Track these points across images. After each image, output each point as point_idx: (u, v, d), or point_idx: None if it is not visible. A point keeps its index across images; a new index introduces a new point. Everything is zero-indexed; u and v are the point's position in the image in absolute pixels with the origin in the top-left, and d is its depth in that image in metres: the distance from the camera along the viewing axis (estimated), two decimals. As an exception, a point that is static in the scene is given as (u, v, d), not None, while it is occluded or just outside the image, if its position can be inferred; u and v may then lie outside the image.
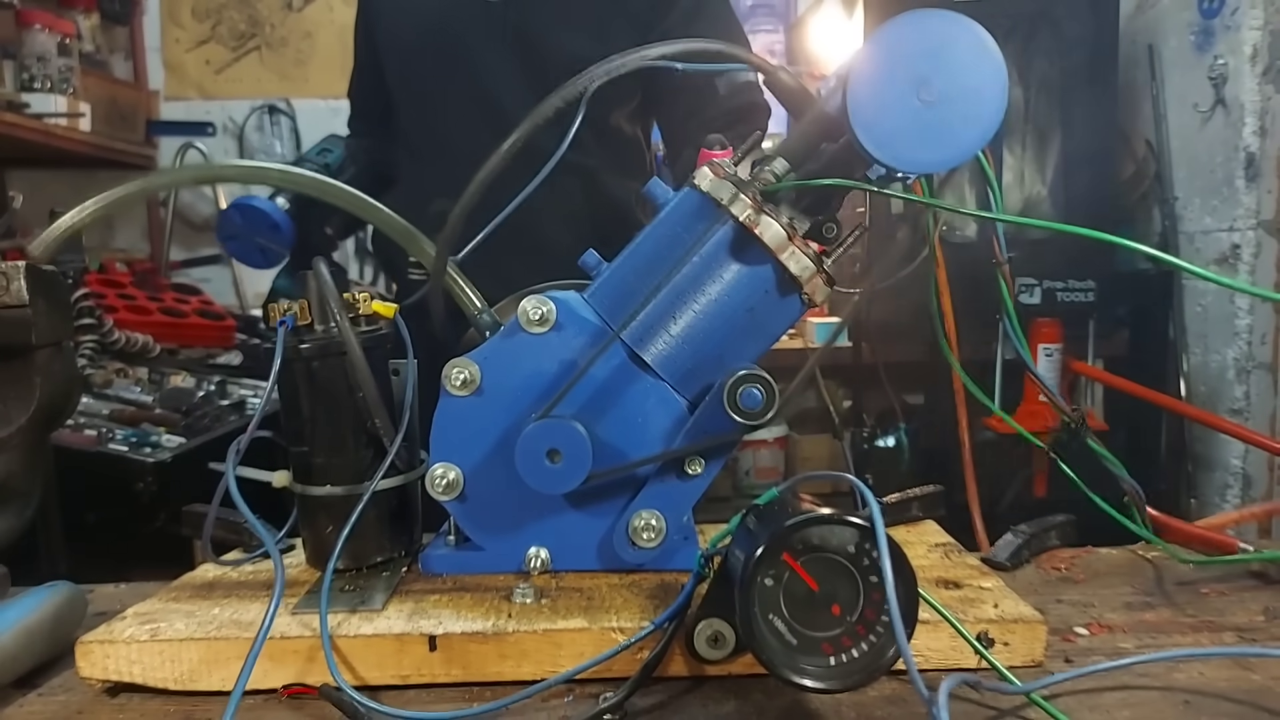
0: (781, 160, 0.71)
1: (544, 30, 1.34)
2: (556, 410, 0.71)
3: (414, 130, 1.45)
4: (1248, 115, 2.28)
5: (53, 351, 0.72)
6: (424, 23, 1.39)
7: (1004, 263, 0.78)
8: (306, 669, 0.64)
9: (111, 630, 0.67)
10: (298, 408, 0.76)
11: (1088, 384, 2.51)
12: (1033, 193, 2.51)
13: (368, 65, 1.51)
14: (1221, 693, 0.62)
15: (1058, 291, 2.29)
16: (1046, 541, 0.91)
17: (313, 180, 0.79)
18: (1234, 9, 2.30)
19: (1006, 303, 0.78)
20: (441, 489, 0.75)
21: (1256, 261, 2.33)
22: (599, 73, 0.71)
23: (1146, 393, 2.23)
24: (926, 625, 0.65)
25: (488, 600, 0.71)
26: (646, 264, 0.73)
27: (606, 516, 0.76)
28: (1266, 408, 2.32)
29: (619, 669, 0.64)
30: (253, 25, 3.25)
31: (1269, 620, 0.75)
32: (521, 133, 0.71)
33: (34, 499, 0.74)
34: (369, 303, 0.77)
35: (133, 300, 2.42)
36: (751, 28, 3.25)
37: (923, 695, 0.50)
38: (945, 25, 0.64)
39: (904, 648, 0.51)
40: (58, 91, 2.52)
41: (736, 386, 0.68)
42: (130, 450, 1.78)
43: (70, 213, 0.73)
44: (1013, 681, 0.61)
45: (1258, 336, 2.32)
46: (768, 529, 0.56)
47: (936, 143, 0.65)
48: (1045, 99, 2.47)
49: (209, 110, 3.23)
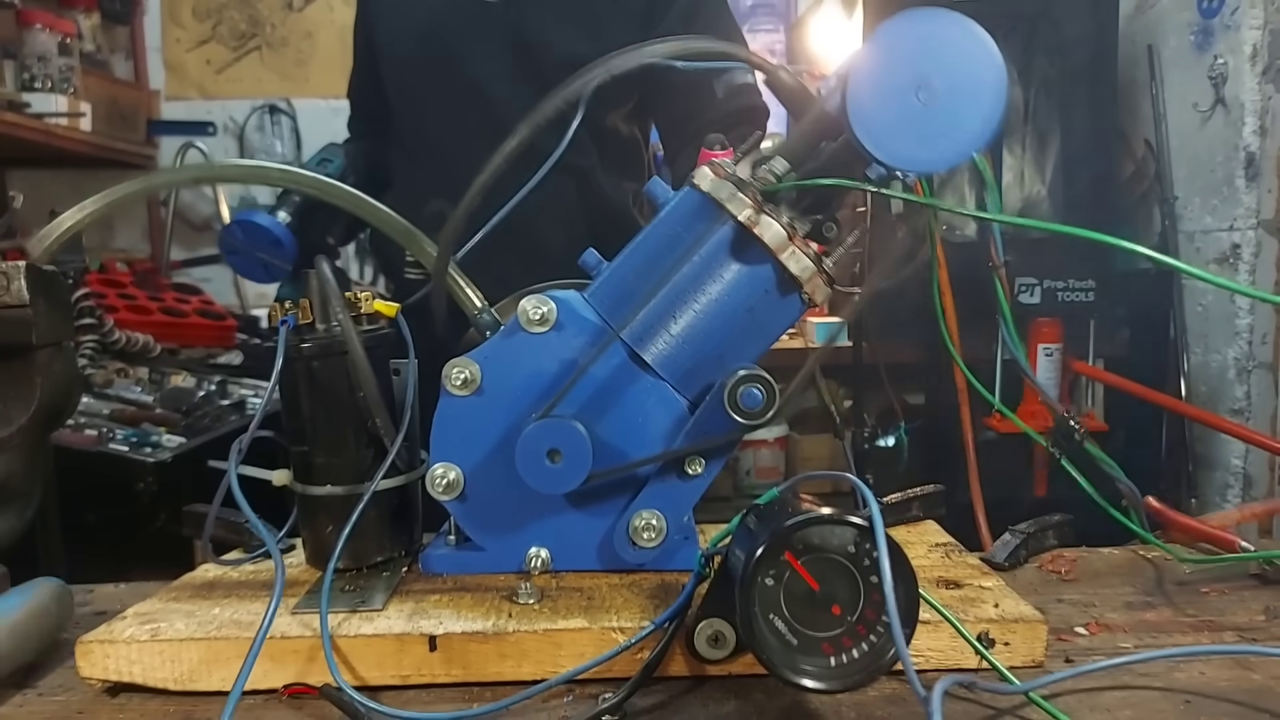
0: (781, 160, 0.71)
1: (542, 30, 1.34)
2: (557, 410, 0.71)
3: (409, 131, 1.45)
4: (1248, 115, 2.28)
5: (53, 351, 0.72)
6: (421, 22, 1.39)
7: (1000, 266, 0.78)
8: (307, 669, 0.64)
9: (111, 630, 0.67)
10: (298, 407, 0.76)
11: (1088, 384, 2.50)
12: (1033, 192, 2.51)
13: (366, 66, 1.51)
14: (1222, 692, 0.62)
15: (1058, 291, 2.29)
16: (1044, 542, 0.91)
17: (313, 180, 0.79)
18: (1234, 9, 2.30)
19: (1003, 306, 0.78)
20: (442, 489, 0.75)
21: (1256, 261, 2.33)
22: (599, 72, 0.71)
23: (1147, 392, 2.23)
24: (927, 625, 0.65)
25: (488, 600, 0.71)
26: (647, 263, 0.73)
27: (607, 516, 0.76)
28: (1267, 407, 2.32)
29: (619, 669, 0.64)
30: (253, 25, 3.25)
31: (1269, 620, 0.75)
32: (523, 133, 0.70)
33: (34, 499, 0.74)
34: (370, 302, 0.77)
35: (133, 300, 2.42)
36: (751, 27, 3.25)
37: (919, 695, 0.50)
38: (945, 25, 0.64)
39: (900, 647, 0.51)
40: (58, 91, 2.52)
41: (737, 386, 0.68)
42: (130, 450, 1.78)
43: (70, 212, 0.73)
44: (1012, 681, 0.61)
45: (1258, 336, 2.32)
46: (768, 529, 0.56)
47: (936, 142, 0.65)
48: (1045, 99, 2.47)
49: (209, 110, 3.23)
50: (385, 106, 1.48)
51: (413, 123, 1.44)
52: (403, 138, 1.46)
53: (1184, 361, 2.43)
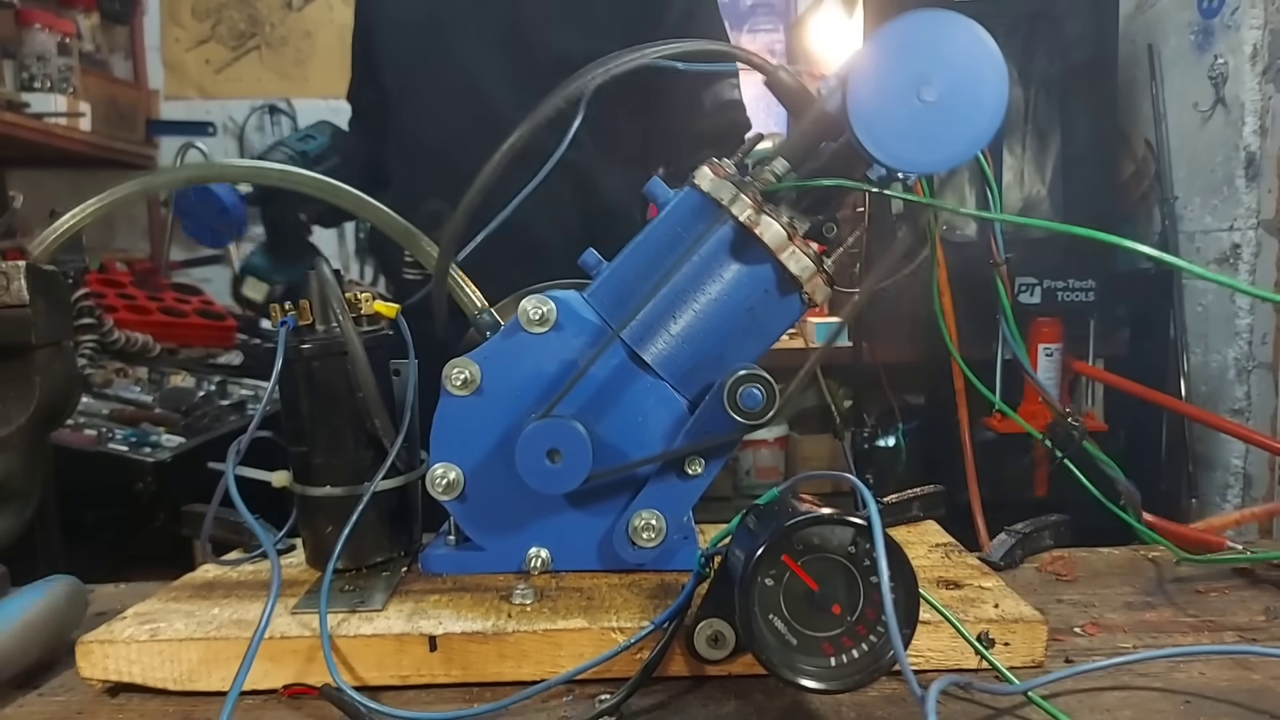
0: (781, 160, 0.71)
1: (539, 28, 1.34)
2: (557, 410, 0.71)
3: (406, 132, 1.45)
4: (1248, 115, 2.28)
5: (53, 351, 0.72)
6: (419, 24, 1.39)
7: (1001, 264, 0.78)
8: (306, 669, 0.64)
9: (111, 630, 0.66)
10: (298, 408, 0.76)
11: (1088, 384, 2.50)
12: (1033, 192, 2.51)
13: (364, 71, 1.51)
14: (1222, 693, 0.62)
15: (1058, 291, 2.28)
16: (1040, 542, 0.91)
17: (313, 180, 0.79)
18: (1234, 8, 2.30)
19: (1004, 304, 0.78)
20: (441, 489, 0.75)
21: (1257, 261, 2.33)
22: (600, 71, 0.71)
23: (1147, 392, 2.23)
24: (927, 626, 0.65)
25: (488, 600, 0.71)
26: (647, 263, 0.73)
27: (607, 516, 0.76)
28: (1267, 408, 2.32)
29: (619, 669, 0.64)
30: (253, 25, 3.25)
31: (1269, 620, 0.75)
32: (524, 131, 0.70)
33: (34, 499, 0.74)
34: (370, 303, 0.77)
35: (132, 300, 2.42)
36: (751, 27, 3.25)
37: (915, 694, 0.50)
38: (945, 25, 0.64)
39: (897, 646, 0.51)
40: (58, 91, 2.52)
41: (736, 386, 0.68)
42: (130, 450, 1.78)
43: (70, 212, 0.72)
44: (1011, 680, 0.61)
45: (1258, 336, 2.32)
46: (768, 529, 0.56)
47: (936, 143, 0.65)
48: (1045, 99, 2.47)
49: (209, 110, 3.23)
50: (384, 109, 1.48)
51: (410, 123, 1.45)
52: (400, 138, 1.46)
53: (1184, 361, 2.43)
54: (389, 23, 1.45)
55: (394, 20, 1.44)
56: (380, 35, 1.45)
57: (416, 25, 1.40)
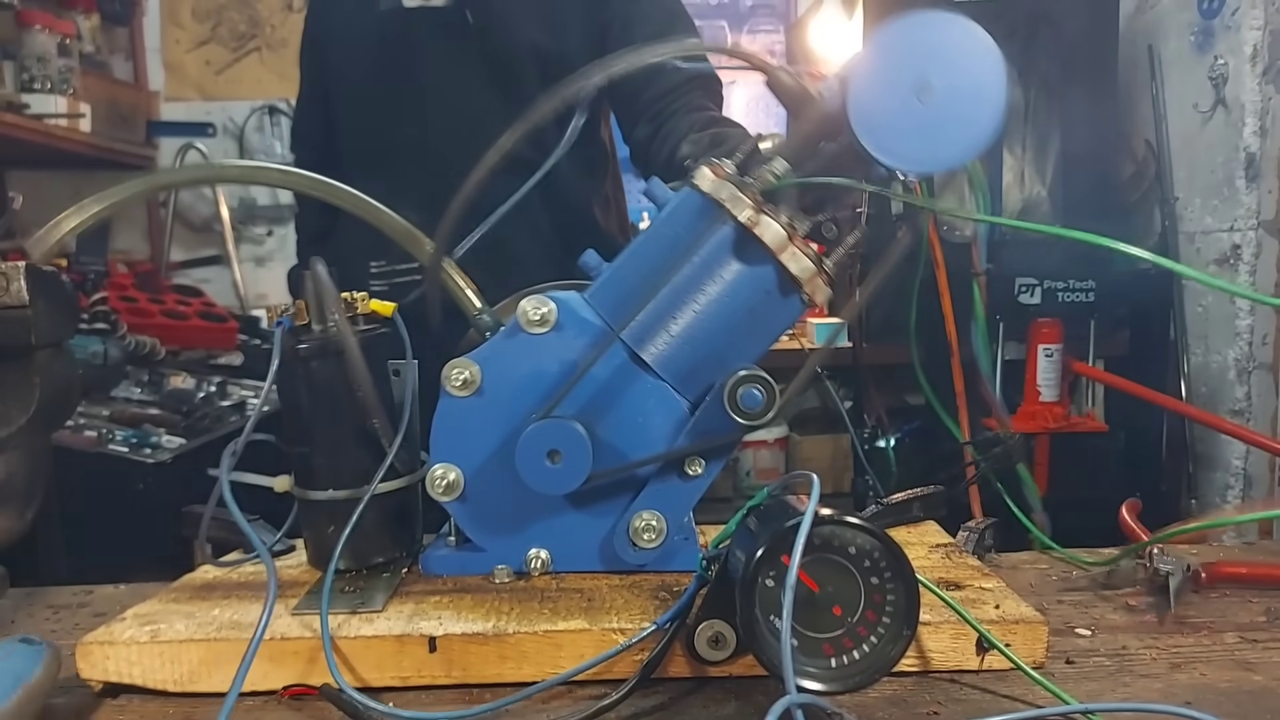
0: (781, 160, 0.71)
1: (497, 22, 1.34)
2: (557, 411, 0.71)
3: (361, 150, 1.44)
4: (1248, 115, 2.28)
5: (53, 352, 0.72)
6: (373, 35, 1.39)
7: (981, 273, 0.79)
8: (307, 670, 0.64)
9: (111, 631, 0.66)
10: (297, 409, 0.76)
11: (1088, 384, 2.50)
12: (1033, 193, 2.51)
13: (314, 91, 1.51)
14: (1222, 693, 0.62)
15: (1058, 291, 2.28)
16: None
17: (312, 180, 0.79)
18: (1234, 9, 2.30)
19: (977, 310, 0.78)
20: (442, 490, 0.75)
21: (1257, 262, 2.33)
22: (596, 75, 0.71)
23: (1147, 393, 2.23)
24: (928, 626, 0.65)
25: (488, 601, 0.71)
26: (647, 264, 0.73)
27: (607, 517, 0.76)
28: (1267, 408, 2.32)
29: (619, 670, 0.64)
30: (253, 26, 3.25)
31: (1270, 620, 0.75)
32: (514, 135, 0.70)
33: (35, 500, 0.74)
34: (367, 302, 0.77)
35: (134, 302, 2.42)
36: (751, 28, 3.26)
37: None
38: (945, 26, 0.64)
39: (785, 647, 0.51)
40: (58, 92, 2.52)
41: (737, 387, 0.68)
42: (131, 451, 1.78)
43: (70, 213, 0.72)
44: (1028, 672, 0.61)
45: (1259, 337, 2.32)
46: (768, 530, 0.56)
47: (937, 143, 0.65)
48: (1045, 99, 2.47)
49: (209, 111, 3.23)
50: (332, 130, 1.48)
51: (366, 140, 1.43)
52: (355, 156, 1.45)
53: (1184, 362, 2.43)
54: (342, 39, 1.43)
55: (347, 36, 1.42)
56: (334, 53, 1.44)
57: (371, 37, 1.38)
